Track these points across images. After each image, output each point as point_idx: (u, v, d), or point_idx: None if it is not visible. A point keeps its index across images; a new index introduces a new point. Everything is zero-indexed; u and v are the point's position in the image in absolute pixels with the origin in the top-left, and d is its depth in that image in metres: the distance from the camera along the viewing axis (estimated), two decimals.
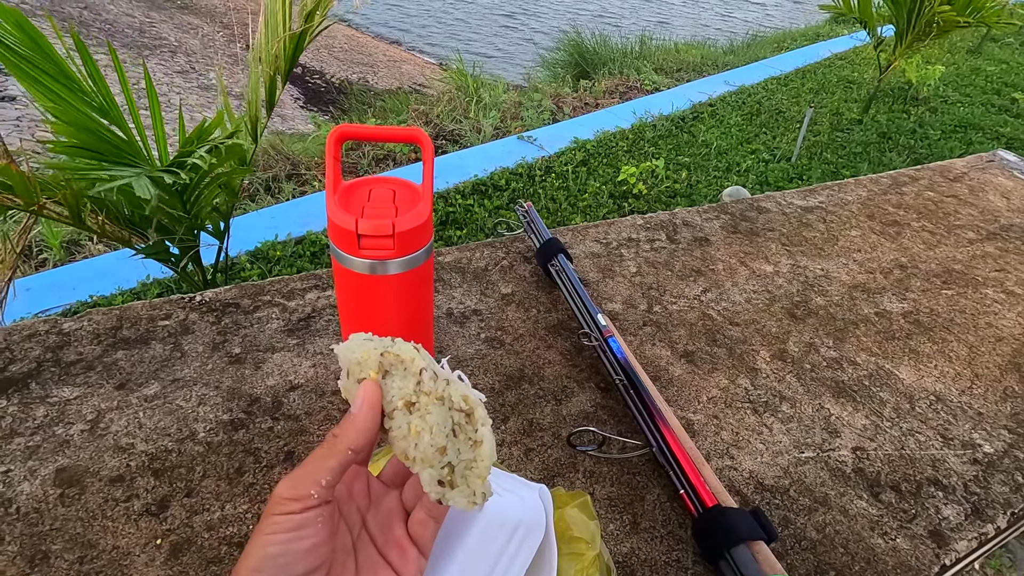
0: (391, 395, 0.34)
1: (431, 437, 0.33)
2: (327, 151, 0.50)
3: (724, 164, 3.47)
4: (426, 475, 0.34)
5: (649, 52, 5.67)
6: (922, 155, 3.54)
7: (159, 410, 0.57)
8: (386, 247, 0.50)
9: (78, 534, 0.47)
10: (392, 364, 0.35)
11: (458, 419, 0.35)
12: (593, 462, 0.58)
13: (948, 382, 0.73)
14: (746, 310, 0.82)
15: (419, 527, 0.37)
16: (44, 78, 1.13)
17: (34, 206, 1.13)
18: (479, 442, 0.35)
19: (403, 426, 0.34)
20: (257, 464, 0.54)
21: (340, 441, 0.33)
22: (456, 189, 3.08)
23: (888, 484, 0.60)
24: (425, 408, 0.34)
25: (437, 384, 0.34)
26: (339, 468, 0.32)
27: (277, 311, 0.71)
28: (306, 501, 0.31)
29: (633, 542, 0.52)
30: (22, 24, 1.08)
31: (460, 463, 0.35)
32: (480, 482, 0.35)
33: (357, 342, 0.35)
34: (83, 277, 2.30)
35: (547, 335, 0.73)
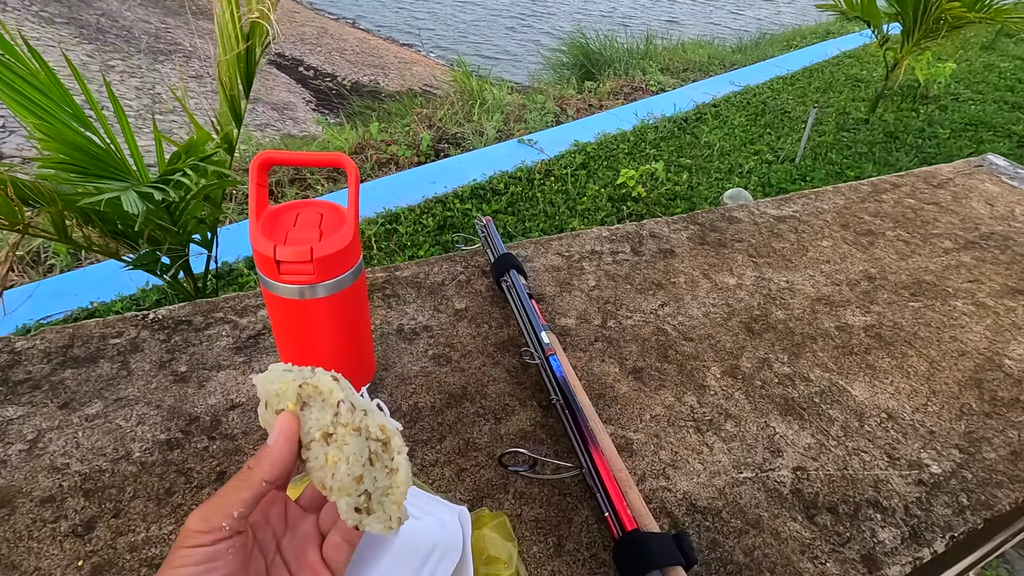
0: (308, 426, 0.35)
1: (348, 467, 0.34)
2: (250, 177, 0.51)
3: (726, 166, 3.44)
4: (343, 503, 0.35)
5: (655, 52, 5.64)
6: (930, 155, 3.47)
7: (98, 430, 0.59)
8: (306, 272, 0.51)
9: (2, 555, 0.48)
10: (310, 396, 0.36)
11: (375, 448, 0.36)
12: (525, 483, 0.59)
13: (902, 399, 0.72)
14: (702, 324, 0.81)
15: (334, 551, 0.38)
16: (32, 92, 1.16)
17: (19, 225, 1.16)
18: (395, 470, 0.36)
19: (320, 457, 0.35)
20: (188, 484, 0.55)
21: (255, 473, 0.34)
22: (455, 194, 3.09)
23: (825, 506, 0.59)
24: (342, 439, 0.35)
25: (354, 415, 0.35)
26: (252, 500, 0.33)
27: (228, 328, 0.72)
28: (217, 533, 0.32)
29: (555, 565, 0.52)
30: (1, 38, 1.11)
31: (376, 490, 0.36)
32: (396, 508, 0.36)
33: (276, 373, 0.36)
34: (86, 283, 2.35)
35: (495, 352, 0.73)
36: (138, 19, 7.16)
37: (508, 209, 3.00)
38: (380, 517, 0.36)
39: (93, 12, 6.96)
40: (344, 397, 0.36)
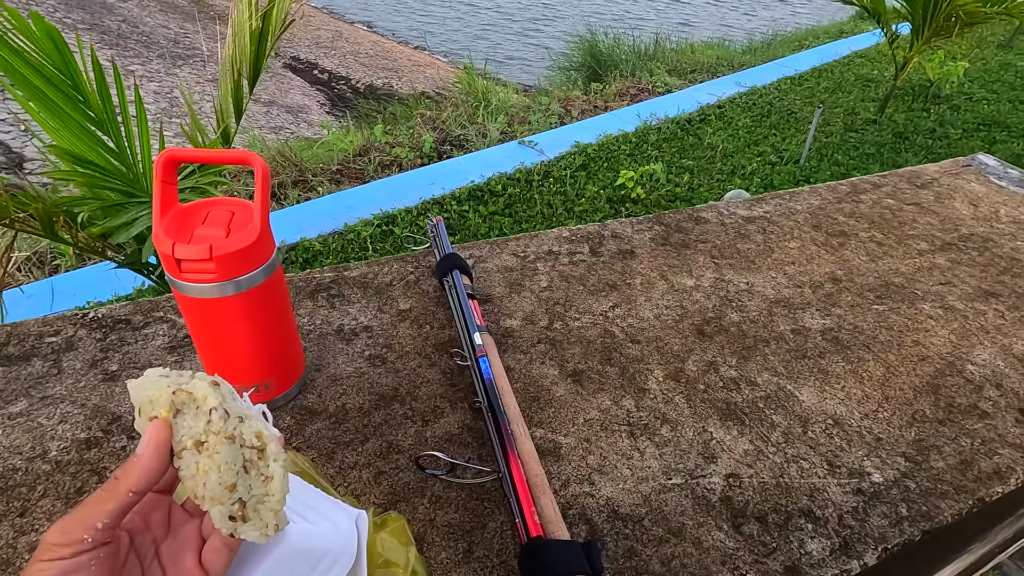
0: (181, 435, 0.35)
1: (219, 476, 0.34)
2: (155, 175, 0.51)
3: (729, 167, 3.39)
4: (216, 512, 0.34)
5: (663, 53, 5.59)
6: (940, 156, 3.38)
7: (19, 428, 0.59)
8: (208, 271, 0.50)
9: None
10: (184, 403, 0.35)
11: (250, 455, 0.35)
12: (443, 487, 0.57)
13: (852, 404, 0.70)
14: (652, 327, 0.79)
15: (213, 555, 0.37)
16: (51, 92, 1.18)
17: (6, 219, 1.18)
18: (270, 477, 0.36)
19: (192, 466, 0.35)
20: (99, 483, 0.55)
21: (121, 484, 0.33)
22: (452, 195, 3.09)
23: (754, 515, 0.57)
24: (214, 447, 0.34)
25: (228, 423, 0.35)
26: (118, 511, 0.33)
27: (166, 327, 0.72)
28: (77, 546, 0.31)
29: (462, 571, 0.51)
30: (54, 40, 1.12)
31: (252, 498, 0.35)
32: (272, 515, 0.36)
33: (151, 379, 0.36)
34: (85, 283, 2.39)
35: (433, 352, 0.72)
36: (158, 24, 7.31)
37: (505, 211, 2.99)
38: (256, 524, 0.36)
39: (115, 18, 7.12)
40: (218, 404, 0.35)
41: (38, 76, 1.16)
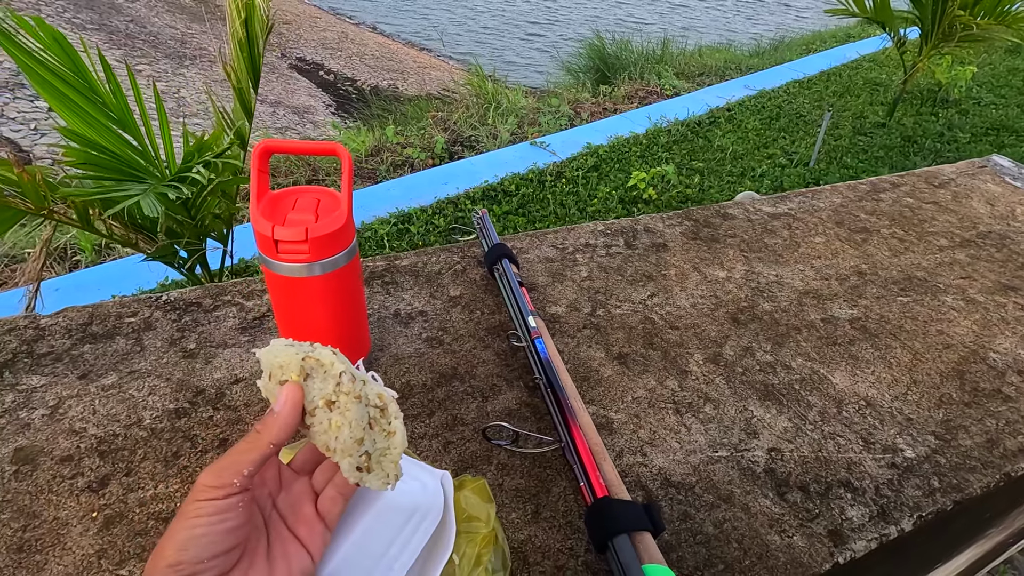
0: (312, 395, 0.39)
1: (350, 431, 0.38)
2: (251, 164, 0.55)
3: (739, 169, 3.44)
4: (346, 463, 0.39)
5: (671, 56, 5.64)
6: (949, 159, 3.43)
7: (113, 398, 0.63)
8: (302, 252, 0.55)
9: (25, 506, 0.53)
10: (312, 368, 0.40)
11: (373, 414, 0.40)
12: (507, 456, 0.62)
13: (882, 388, 0.74)
14: (689, 314, 0.83)
15: (329, 503, 0.42)
16: (68, 91, 1.23)
17: (44, 210, 1.22)
18: (392, 433, 0.41)
19: (324, 422, 0.39)
20: (193, 449, 0.59)
21: (263, 436, 0.37)
22: (466, 195, 3.13)
23: (797, 485, 0.61)
24: (344, 406, 0.39)
25: (355, 385, 0.39)
26: (260, 460, 0.37)
27: (235, 310, 0.77)
28: (228, 488, 0.36)
29: (532, 530, 0.55)
30: (59, 41, 1.17)
31: (376, 451, 0.40)
32: (393, 466, 0.41)
33: (279, 347, 0.41)
34: (108, 278, 2.44)
35: (486, 336, 0.77)
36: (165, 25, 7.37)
37: (519, 210, 3.04)
38: (379, 475, 0.40)
39: (123, 18, 7.18)
40: (346, 368, 0.40)
41: (52, 76, 1.20)
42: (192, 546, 0.35)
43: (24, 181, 1.11)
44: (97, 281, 2.41)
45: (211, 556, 0.35)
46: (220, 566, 0.36)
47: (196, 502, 0.36)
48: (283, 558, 0.40)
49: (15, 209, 1.19)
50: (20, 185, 1.12)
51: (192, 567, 0.34)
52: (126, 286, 2.37)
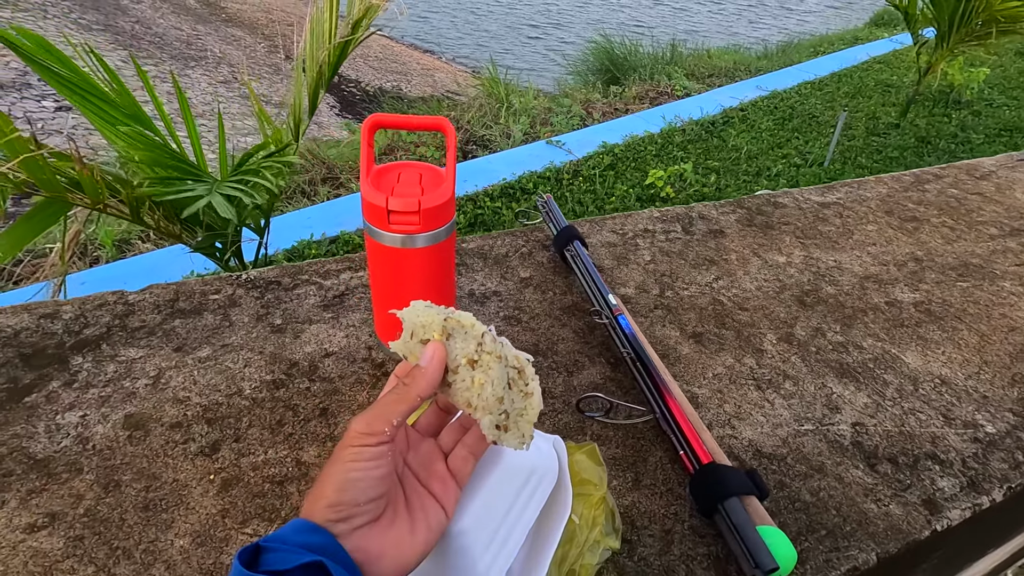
0: (454, 354, 0.40)
1: (492, 389, 0.39)
2: (362, 138, 0.57)
3: (754, 169, 3.46)
4: (486, 420, 0.39)
5: (680, 58, 5.67)
6: (962, 160, 3.45)
7: (211, 370, 0.64)
8: (413, 222, 0.56)
9: (144, 468, 0.54)
10: (454, 328, 0.41)
11: (512, 375, 0.41)
12: (600, 427, 0.63)
13: (955, 367, 0.75)
14: (756, 297, 0.85)
15: (460, 462, 0.43)
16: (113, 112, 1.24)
17: (99, 204, 1.23)
18: (530, 394, 0.41)
19: (467, 379, 0.40)
20: (295, 417, 0.60)
21: (411, 390, 0.38)
22: (484, 192, 3.15)
23: (885, 456, 0.62)
24: (487, 365, 0.40)
25: (495, 345, 0.40)
26: (407, 412, 0.38)
27: (314, 289, 0.78)
28: (379, 436, 0.36)
29: (635, 496, 0.56)
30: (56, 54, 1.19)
31: (514, 411, 0.41)
32: (529, 427, 0.41)
33: (420, 308, 0.41)
34: (132, 273, 2.45)
35: (561, 315, 0.78)
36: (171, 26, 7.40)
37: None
38: (515, 434, 0.41)
39: (128, 19, 7.20)
40: (487, 329, 0.41)
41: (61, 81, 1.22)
42: (350, 488, 0.36)
43: (84, 176, 1.12)
44: (121, 276, 2.42)
45: (366, 500, 0.36)
46: (372, 511, 0.37)
47: (351, 448, 0.37)
48: (421, 511, 0.41)
49: (66, 202, 1.20)
50: (80, 180, 1.13)
51: (349, 509, 0.35)
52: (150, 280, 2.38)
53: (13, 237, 1.18)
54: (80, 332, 0.68)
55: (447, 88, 6.68)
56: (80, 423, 0.57)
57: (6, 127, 1.02)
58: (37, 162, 1.05)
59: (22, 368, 0.62)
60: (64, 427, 0.57)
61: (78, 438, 0.56)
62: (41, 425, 0.57)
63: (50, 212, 1.22)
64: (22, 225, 1.19)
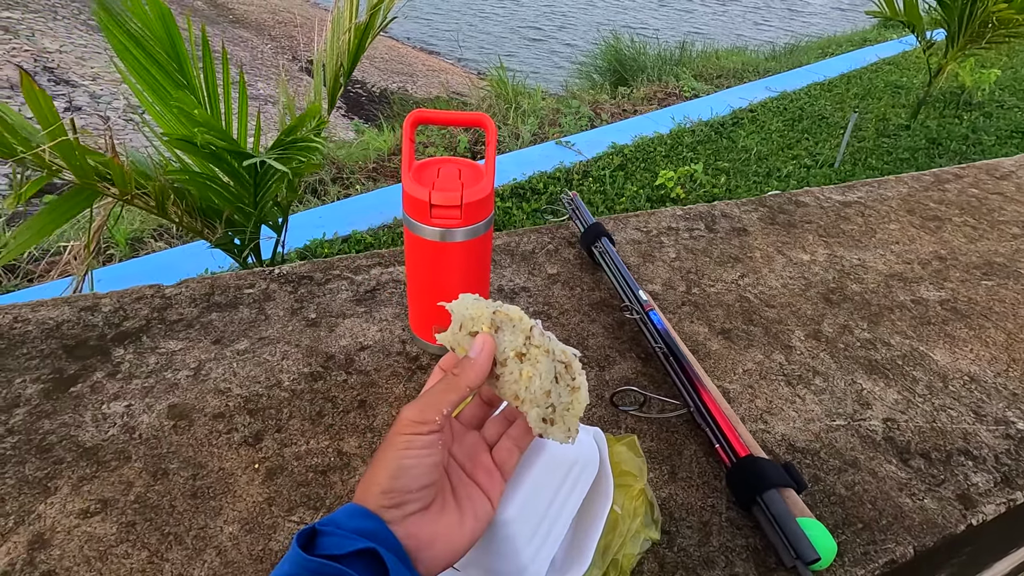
0: (503, 347, 0.40)
1: (540, 382, 0.39)
2: (404, 133, 0.57)
3: (764, 169, 3.45)
4: (533, 413, 0.40)
5: (688, 59, 5.67)
6: (973, 161, 3.44)
7: (249, 362, 0.65)
8: (454, 216, 0.57)
9: (190, 457, 0.55)
10: (503, 321, 0.41)
11: (559, 369, 0.41)
12: (634, 420, 0.63)
13: (983, 364, 0.75)
14: (782, 294, 0.85)
15: (505, 454, 0.43)
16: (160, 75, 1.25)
17: (127, 195, 1.25)
18: (577, 388, 0.41)
19: (515, 372, 0.40)
20: (335, 409, 0.61)
21: (460, 380, 0.39)
22: (495, 192, 3.16)
23: (918, 452, 0.63)
24: (535, 358, 0.40)
25: (543, 339, 0.41)
26: (457, 401, 0.38)
27: (346, 284, 0.79)
28: (431, 425, 0.37)
29: (671, 489, 0.57)
30: (166, 22, 1.20)
31: (560, 405, 0.41)
32: (575, 421, 0.41)
33: (469, 300, 0.42)
34: (147, 270, 2.47)
35: (591, 311, 0.79)
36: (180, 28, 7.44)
37: (547, 208, 3.06)
38: (561, 428, 0.41)
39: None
40: (536, 323, 0.42)
41: (149, 60, 1.23)
42: (403, 475, 0.36)
43: (114, 166, 1.13)
44: (137, 273, 2.44)
45: (419, 487, 0.37)
46: (423, 499, 0.38)
47: (403, 435, 0.37)
48: (468, 500, 0.42)
49: (93, 192, 1.21)
50: (112, 172, 1.14)
51: (402, 496, 0.36)
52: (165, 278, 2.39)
53: (39, 224, 1.20)
54: (120, 324, 0.69)
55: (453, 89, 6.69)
56: (126, 412, 0.58)
57: (49, 111, 1.02)
58: (72, 146, 1.06)
59: (66, 359, 0.64)
60: (110, 416, 0.58)
61: (124, 427, 0.57)
62: (88, 414, 0.58)
63: (77, 201, 1.23)
64: (48, 213, 1.20)
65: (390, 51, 8.05)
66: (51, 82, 5.09)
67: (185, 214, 1.43)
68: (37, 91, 1.03)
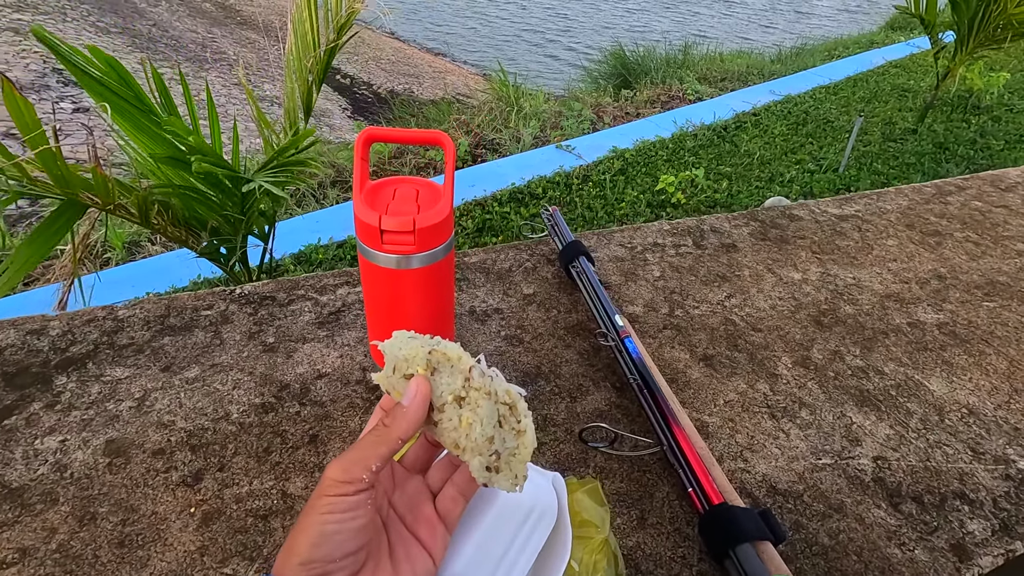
0: (440, 390, 0.37)
1: (481, 429, 0.36)
2: (355, 152, 0.54)
3: (767, 174, 3.40)
4: (476, 462, 0.36)
5: (692, 62, 5.62)
6: (982, 166, 3.37)
7: (198, 392, 0.62)
8: (407, 243, 0.53)
9: (122, 499, 0.51)
10: (439, 362, 0.37)
11: (503, 411, 0.37)
12: (604, 458, 0.59)
13: (983, 395, 0.71)
14: (770, 316, 0.81)
15: (450, 503, 0.40)
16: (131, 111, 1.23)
17: (110, 205, 1.22)
18: (522, 431, 0.38)
19: (454, 419, 0.36)
20: (283, 445, 0.57)
21: (391, 431, 0.35)
22: (493, 197, 3.12)
23: (910, 495, 0.58)
24: (475, 402, 0.36)
25: (485, 381, 0.37)
26: (388, 455, 0.35)
27: (310, 305, 0.75)
28: (357, 484, 0.33)
29: (640, 536, 0.53)
30: (114, 67, 1.18)
31: (505, 450, 0.37)
32: (522, 467, 0.38)
33: (403, 339, 0.38)
34: (141, 275, 2.45)
35: (566, 335, 0.75)
36: (186, 29, 7.46)
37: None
38: (507, 476, 0.37)
39: (145, 23, 7.28)
40: (475, 363, 0.38)
41: (111, 95, 1.21)
42: (325, 543, 0.33)
43: (99, 178, 1.11)
44: (131, 278, 2.42)
45: (343, 555, 0.33)
46: (350, 566, 0.34)
47: (326, 497, 0.33)
48: (406, 560, 0.38)
49: (80, 205, 1.18)
50: (95, 182, 1.12)
51: (324, 566, 0.32)
52: (159, 283, 2.38)
53: (35, 246, 1.17)
54: (66, 350, 0.65)
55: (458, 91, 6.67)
56: (59, 449, 0.55)
57: (31, 119, 1.00)
58: (54, 156, 1.03)
59: (4, 388, 0.60)
60: (42, 453, 0.54)
61: (56, 465, 0.53)
62: (19, 451, 0.55)
63: (67, 217, 1.21)
64: (42, 232, 1.18)
65: (397, 53, 8.04)
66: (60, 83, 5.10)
67: (169, 224, 1.41)
68: (19, 99, 1.00)
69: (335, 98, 6.55)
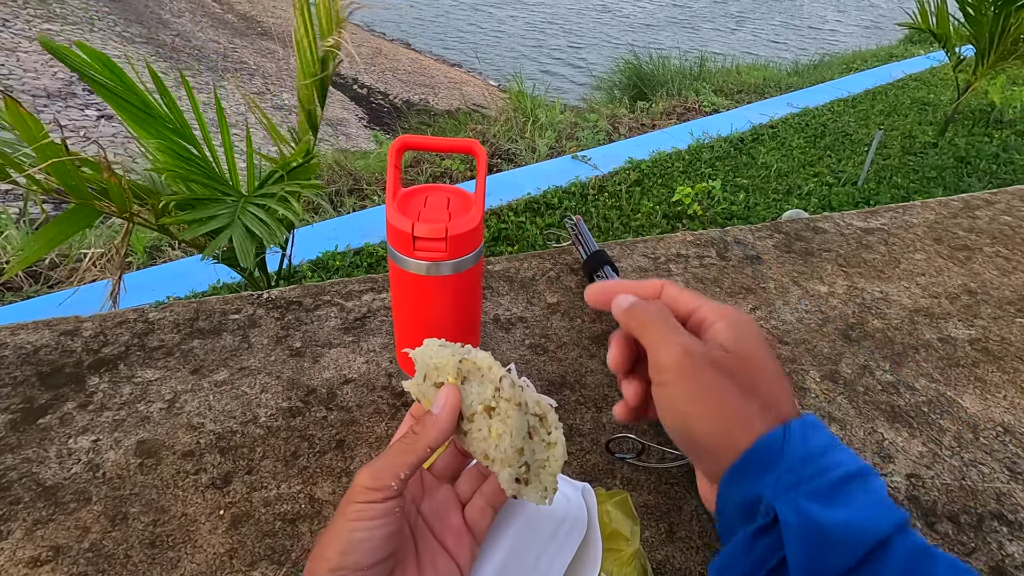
0: (470, 400, 0.36)
1: (511, 440, 0.35)
2: (389, 160, 0.54)
3: (784, 187, 3.38)
4: (505, 474, 0.36)
5: (708, 74, 5.62)
6: (1005, 181, 3.32)
7: (227, 395, 0.62)
8: (439, 249, 0.53)
9: (153, 500, 0.52)
10: (470, 371, 0.37)
11: (533, 422, 0.37)
12: (631, 470, 0.59)
13: (1019, 413, 0.69)
14: (796, 330, 0.80)
15: (478, 514, 0.39)
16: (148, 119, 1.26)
17: (127, 212, 1.24)
18: (553, 443, 0.37)
19: (484, 429, 0.36)
20: (311, 449, 0.57)
21: (420, 439, 0.35)
22: (509, 207, 3.13)
23: (945, 514, 0.57)
24: (505, 413, 0.36)
25: (515, 391, 0.36)
26: (417, 463, 0.35)
27: (336, 310, 0.76)
28: (386, 492, 0.33)
29: (668, 550, 0.52)
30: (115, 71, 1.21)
31: (535, 462, 0.37)
32: (552, 479, 0.37)
33: (433, 348, 0.38)
34: (162, 279, 2.48)
35: (590, 344, 0.74)
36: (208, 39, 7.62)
37: (561, 223, 3.02)
38: (536, 488, 0.37)
39: (169, 32, 7.44)
40: (506, 373, 0.37)
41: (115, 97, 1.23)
42: (354, 550, 0.33)
43: (112, 185, 1.13)
44: (152, 282, 2.46)
45: (371, 563, 0.33)
46: (379, 574, 0.34)
47: (355, 504, 0.33)
48: (433, 569, 0.38)
49: (95, 209, 1.21)
50: (108, 188, 1.14)
51: (352, 573, 0.32)
52: (179, 287, 2.41)
53: (44, 239, 1.20)
54: (99, 351, 0.66)
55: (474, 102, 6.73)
56: (92, 448, 0.56)
57: (38, 132, 1.02)
58: (66, 167, 1.06)
59: (39, 387, 0.61)
60: (76, 452, 0.55)
61: (89, 464, 0.54)
62: (53, 449, 0.55)
63: (79, 217, 1.23)
64: (52, 228, 1.20)
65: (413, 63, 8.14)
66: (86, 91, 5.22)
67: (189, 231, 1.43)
68: (25, 115, 1.02)
69: (352, 107, 6.63)
